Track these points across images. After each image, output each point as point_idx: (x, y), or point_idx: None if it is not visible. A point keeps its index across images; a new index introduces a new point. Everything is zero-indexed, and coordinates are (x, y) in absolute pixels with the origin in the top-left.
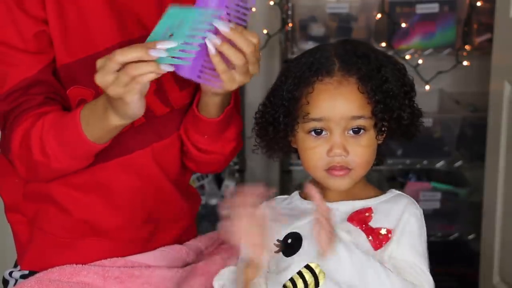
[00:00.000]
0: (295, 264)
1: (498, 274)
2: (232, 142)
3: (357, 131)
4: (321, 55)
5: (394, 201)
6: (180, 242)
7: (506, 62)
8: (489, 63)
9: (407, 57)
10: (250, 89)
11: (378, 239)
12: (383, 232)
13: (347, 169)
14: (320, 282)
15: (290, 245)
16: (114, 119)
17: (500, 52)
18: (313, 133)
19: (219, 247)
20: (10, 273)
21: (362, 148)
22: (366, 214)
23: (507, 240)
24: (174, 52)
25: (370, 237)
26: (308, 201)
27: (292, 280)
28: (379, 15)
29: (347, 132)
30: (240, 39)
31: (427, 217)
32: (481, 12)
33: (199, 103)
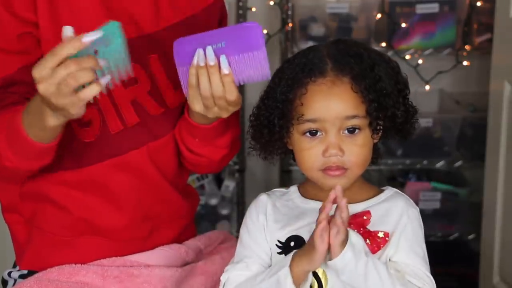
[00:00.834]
0: None
1: (498, 274)
2: (224, 149)
3: (352, 130)
4: (314, 56)
5: (392, 202)
6: (179, 242)
7: (506, 62)
8: (489, 63)
9: (407, 57)
10: (250, 90)
11: (376, 242)
12: (380, 235)
13: (343, 169)
14: (324, 285)
15: (293, 248)
16: (51, 120)
17: (500, 52)
18: (308, 134)
19: (218, 246)
20: (9, 273)
21: (357, 148)
22: (364, 218)
23: (507, 240)
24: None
25: (368, 240)
26: (308, 200)
27: None
28: (379, 15)
29: (342, 132)
30: (214, 80)
31: (427, 217)
32: (481, 12)
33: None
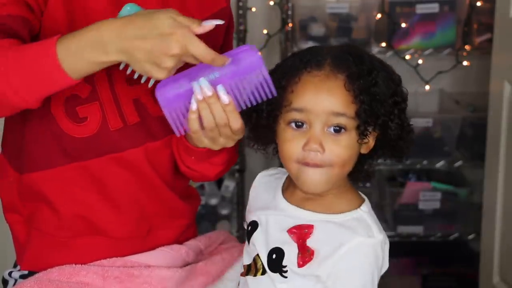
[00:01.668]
0: (253, 247)
1: (498, 274)
2: (219, 166)
3: (337, 130)
4: (316, 50)
5: (347, 226)
6: (179, 242)
7: (506, 62)
8: (489, 63)
9: (407, 57)
10: None
11: (303, 257)
12: (308, 251)
13: (321, 167)
14: (257, 275)
15: (250, 231)
16: (113, 56)
17: (500, 52)
18: (293, 125)
19: (219, 247)
20: (10, 273)
21: (339, 148)
22: (305, 231)
23: (507, 240)
24: None
25: (300, 254)
26: (288, 203)
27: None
28: (379, 15)
29: (327, 129)
30: (215, 109)
31: (427, 217)
32: (481, 12)
33: None
